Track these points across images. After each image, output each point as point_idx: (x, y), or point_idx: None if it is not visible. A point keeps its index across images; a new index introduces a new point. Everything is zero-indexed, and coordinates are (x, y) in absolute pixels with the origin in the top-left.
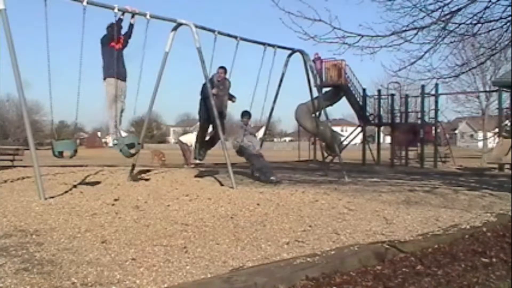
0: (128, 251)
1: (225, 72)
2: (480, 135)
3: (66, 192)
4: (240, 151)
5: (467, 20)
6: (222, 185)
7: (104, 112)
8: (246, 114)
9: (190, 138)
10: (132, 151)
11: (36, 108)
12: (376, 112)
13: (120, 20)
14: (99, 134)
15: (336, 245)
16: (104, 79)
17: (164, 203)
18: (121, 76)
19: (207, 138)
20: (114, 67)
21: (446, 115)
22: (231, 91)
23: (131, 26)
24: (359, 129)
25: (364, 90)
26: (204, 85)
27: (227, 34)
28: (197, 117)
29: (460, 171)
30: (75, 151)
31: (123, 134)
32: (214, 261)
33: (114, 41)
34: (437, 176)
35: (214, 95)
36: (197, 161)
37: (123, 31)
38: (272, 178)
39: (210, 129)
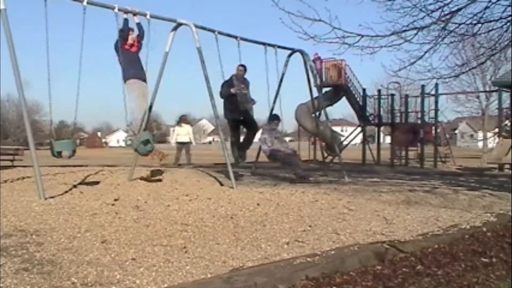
0: (128, 251)
1: (245, 70)
2: (480, 135)
3: (66, 192)
4: (273, 155)
5: (467, 20)
6: (222, 185)
7: (128, 115)
8: (275, 118)
9: (186, 132)
10: (148, 147)
11: (36, 108)
12: (376, 112)
13: (127, 21)
14: (99, 134)
15: (336, 245)
16: (125, 82)
17: (164, 203)
18: (142, 77)
19: (241, 138)
20: (133, 69)
21: (446, 115)
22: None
23: (139, 25)
24: (359, 129)
25: (364, 90)
26: (223, 85)
27: (227, 34)
28: (197, 117)
29: (460, 171)
30: (74, 151)
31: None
32: (214, 261)
33: (128, 44)
34: (437, 176)
35: (234, 94)
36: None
37: (134, 34)
38: (310, 178)
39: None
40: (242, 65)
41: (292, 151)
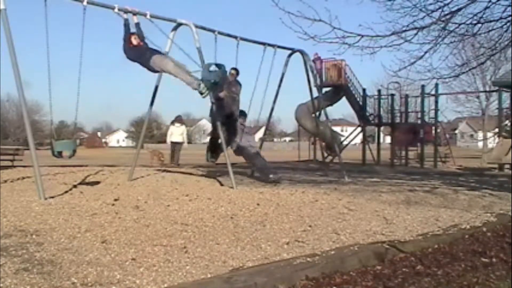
0: (128, 251)
1: (237, 73)
2: (480, 135)
3: (66, 192)
4: (238, 150)
5: (467, 20)
6: (222, 185)
7: (178, 78)
8: (242, 114)
9: (180, 132)
10: (213, 76)
11: (36, 108)
12: (376, 112)
13: (127, 21)
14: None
15: (336, 245)
16: (149, 65)
17: (164, 203)
18: (160, 53)
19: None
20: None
21: (446, 115)
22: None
23: (137, 25)
24: (359, 129)
25: (364, 90)
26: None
27: (227, 34)
28: (197, 117)
29: (460, 171)
30: (74, 151)
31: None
32: (214, 261)
33: (133, 44)
34: (437, 176)
35: (221, 98)
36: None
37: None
38: (270, 176)
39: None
40: (235, 68)
41: (257, 151)
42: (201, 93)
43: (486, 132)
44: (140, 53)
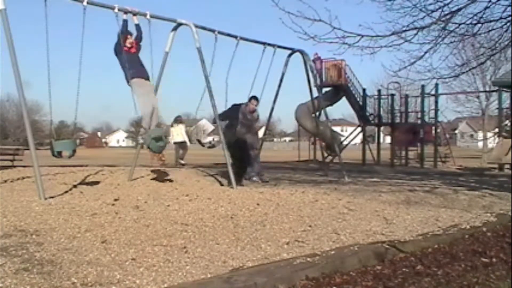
0: (128, 251)
1: (257, 102)
2: (480, 135)
3: (66, 192)
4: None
5: (467, 20)
6: (222, 185)
7: (139, 112)
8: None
9: (179, 132)
10: (161, 143)
11: (36, 108)
12: (376, 112)
13: (126, 22)
14: (99, 134)
15: (336, 245)
16: (128, 82)
17: (164, 203)
18: (145, 76)
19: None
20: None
21: (446, 115)
22: None
23: (137, 27)
24: (359, 129)
25: (364, 90)
26: (231, 108)
27: (227, 34)
28: (197, 117)
29: (460, 171)
30: (74, 151)
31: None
32: (214, 261)
33: (127, 47)
34: (437, 176)
35: (237, 118)
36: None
37: (132, 37)
38: (254, 178)
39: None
40: (256, 98)
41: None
42: (138, 143)
43: (486, 132)
44: (128, 61)
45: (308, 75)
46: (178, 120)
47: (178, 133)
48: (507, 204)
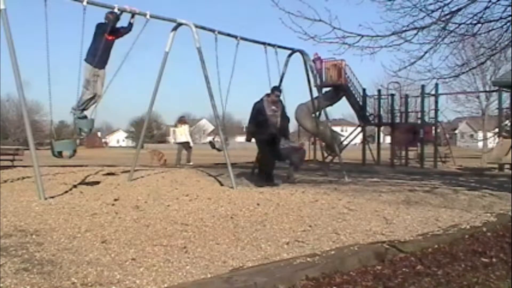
0: (128, 251)
1: (280, 92)
2: (480, 135)
3: (66, 192)
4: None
5: (467, 20)
6: (222, 185)
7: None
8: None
9: (182, 132)
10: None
11: (36, 108)
12: (376, 112)
13: (117, 13)
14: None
15: (336, 245)
16: (85, 60)
17: (164, 203)
18: (103, 65)
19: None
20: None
21: (446, 115)
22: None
23: (130, 24)
24: (359, 129)
25: (364, 90)
26: (254, 107)
27: (227, 34)
28: (197, 117)
29: (460, 171)
30: (74, 151)
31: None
32: (214, 261)
33: (111, 34)
34: (437, 176)
35: (264, 116)
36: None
37: (119, 26)
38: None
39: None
40: (278, 89)
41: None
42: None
43: (486, 132)
44: (100, 47)
45: (308, 75)
46: (182, 120)
47: (181, 134)
48: (507, 204)
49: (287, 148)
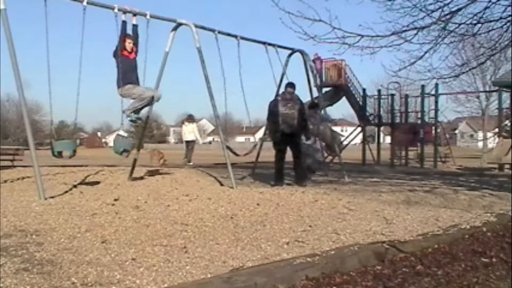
0: (128, 251)
1: (294, 90)
2: (480, 135)
3: (66, 192)
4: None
5: (467, 20)
6: (222, 185)
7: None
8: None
9: (190, 130)
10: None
11: (36, 108)
12: (376, 112)
13: (125, 23)
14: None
15: (336, 245)
16: (119, 87)
17: (164, 203)
18: (136, 83)
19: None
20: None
21: (446, 115)
22: None
23: (135, 28)
24: (359, 129)
25: (364, 90)
26: (269, 106)
27: (227, 33)
28: (197, 117)
29: (460, 171)
30: (74, 151)
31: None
32: (214, 261)
33: (127, 51)
34: (437, 176)
35: (278, 114)
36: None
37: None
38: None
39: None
40: (291, 86)
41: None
42: (131, 120)
43: (486, 132)
44: (125, 67)
45: (308, 75)
46: (190, 119)
47: (190, 132)
48: (507, 204)
49: (305, 148)
